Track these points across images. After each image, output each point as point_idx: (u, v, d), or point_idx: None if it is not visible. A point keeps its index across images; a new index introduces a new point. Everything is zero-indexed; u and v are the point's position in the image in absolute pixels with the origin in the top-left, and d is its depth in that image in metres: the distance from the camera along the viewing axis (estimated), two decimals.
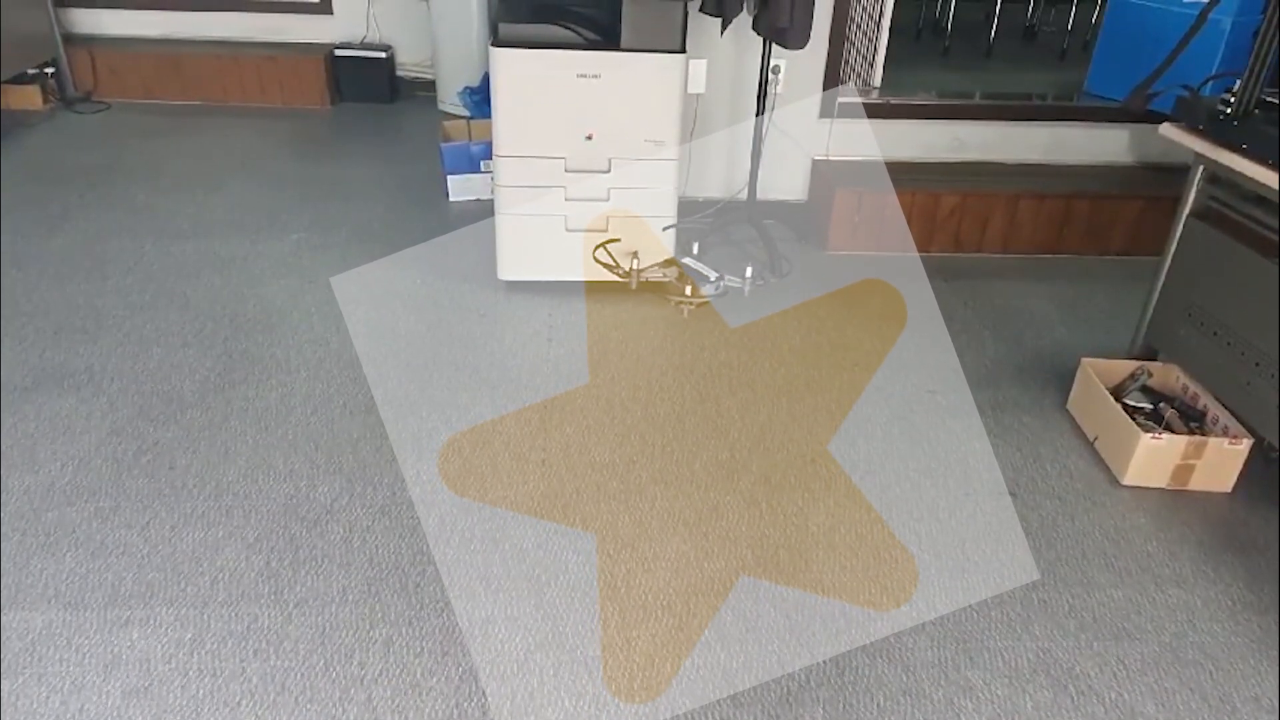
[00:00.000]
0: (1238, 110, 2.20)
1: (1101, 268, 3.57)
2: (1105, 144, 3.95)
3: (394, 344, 2.78)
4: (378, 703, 1.64)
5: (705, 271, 3.29)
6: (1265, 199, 2.19)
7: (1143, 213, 3.59)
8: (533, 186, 2.94)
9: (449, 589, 1.90)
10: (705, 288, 3.18)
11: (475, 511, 2.12)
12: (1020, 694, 1.74)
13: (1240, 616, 1.95)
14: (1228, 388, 2.36)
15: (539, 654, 1.76)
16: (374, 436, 2.36)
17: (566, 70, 2.77)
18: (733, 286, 3.22)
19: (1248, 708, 1.74)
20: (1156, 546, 2.13)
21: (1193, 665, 1.82)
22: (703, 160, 3.79)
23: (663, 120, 2.88)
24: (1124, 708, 1.72)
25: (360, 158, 4.31)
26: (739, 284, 3.23)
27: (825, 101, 3.74)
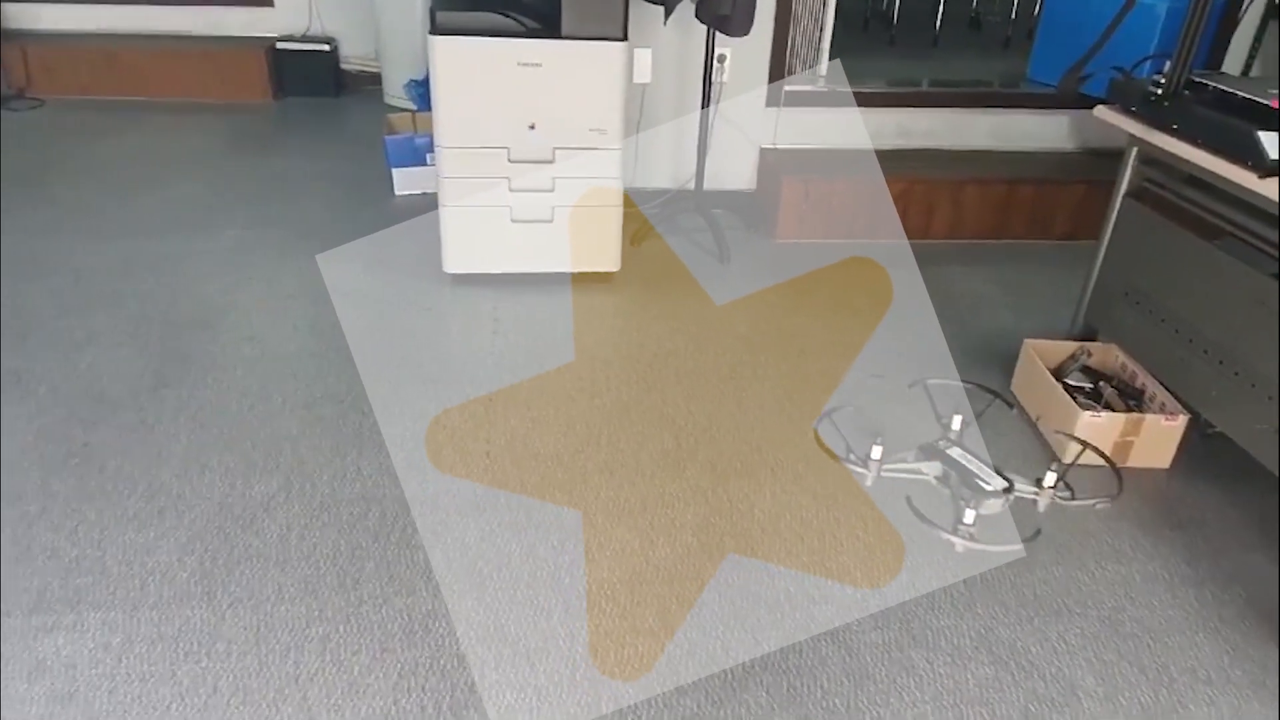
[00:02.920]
0: (1168, 91, 2.23)
1: (1045, 252, 3.62)
2: (1048, 130, 4.00)
3: (336, 340, 2.73)
4: (313, 702, 1.61)
5: (980, 472, 2.17)
6: (1197, 179, 2.23)
7: (1084, 197, 3.64)
8: (476, 178, 2.90)
9: (390, 585, 1.86)
10: (983, 505, 2.09)
11: (418, 505, 2.08)
12: (963, 671, 1.75)
13: (1178, 590, 1.98)
14: (1164, 366, 2.40)
15: (480, 648, 1.73)
16: (313, 433, 2.31)
17: (507, 59, 2.73)
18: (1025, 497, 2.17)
19: (1184, 678, 1.76)
20: (1096, 523, 2.16)
21: (1131, 638, 1.85)
22: (650, 150, 3.77)
23: (606, 109, 2.86)
24: (1064, 681, 1.74)
25: (303, 153, 4.23)
26: (1032, 494, 2.18)
27: (772, 90, 3.75)
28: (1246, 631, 1.88)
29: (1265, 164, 1.93)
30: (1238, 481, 2.29)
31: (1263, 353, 2.05)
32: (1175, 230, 2.33)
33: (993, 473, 2.19)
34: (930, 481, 2.19)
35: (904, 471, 2.21)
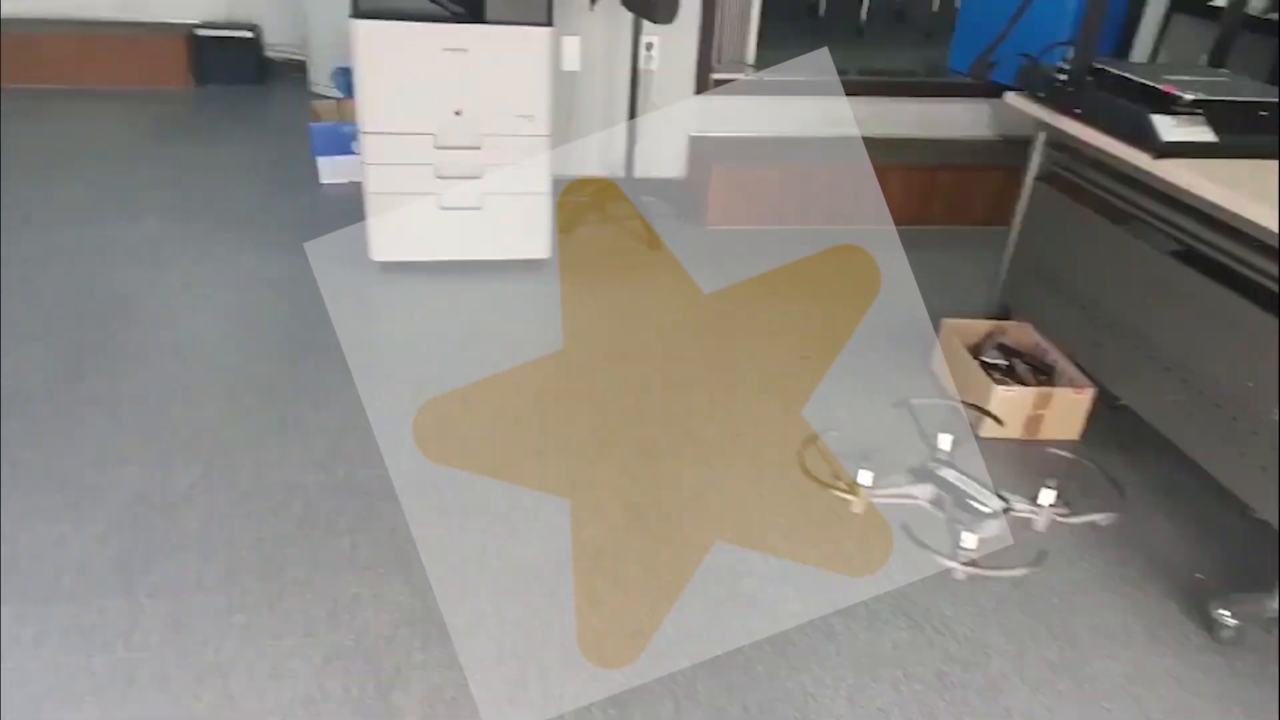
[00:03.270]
0: (1072, 77, 2.32)
1: (966, 236, 3.73)
2: (969, 118, 4.12)
3: (259, 329, 2.69)
4: (235, 688, 1.59)
5: (975, 493, 2.11)
6: (1101, 162, 2.32)
7: (1003, 182, 3.74)
8: (402, 164, 2.88)
9: (314, 570, 1.85)
10: (979, 528, 2.03)
11: (345, 492, 2.07)
12: (880, 636, 1.81)
13: (1085, 553, 2.07)
14: (1073, 342, 2.50)
15: (405, 629, 1.73)
16: (235, 422, 2.27)
17: (431, 43, 2.71)
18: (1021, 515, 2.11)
19: (1089, 636, 1.85)
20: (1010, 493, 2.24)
21: (1039, 600, 1.93)
22: (580, 138, 3.78)
23: (533, 95, 2.86)
24: (976, 641, 1.81)
25: (225, 141, 4.14)
26: (1030, 513, 2.11)
27: (700, 79, 3.78)
28: (1148, 589, 1.97)
29: (1158, 146, 2.03)
30: (1141, 451, 2.39)
31: (1163, 329, 2.15)
32: (1081, 212, 2.43)
33: (989, 493, 2.13)
34: (924, 506, 2.14)
35: (896, 497, 2.15)
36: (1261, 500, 1.90)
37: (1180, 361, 2.10)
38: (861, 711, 1.64)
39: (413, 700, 1.59)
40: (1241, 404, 1.92)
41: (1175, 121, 2.05)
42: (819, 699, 1.66)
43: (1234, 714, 1.69)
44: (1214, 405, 2.00)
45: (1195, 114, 2.06)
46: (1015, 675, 1.74)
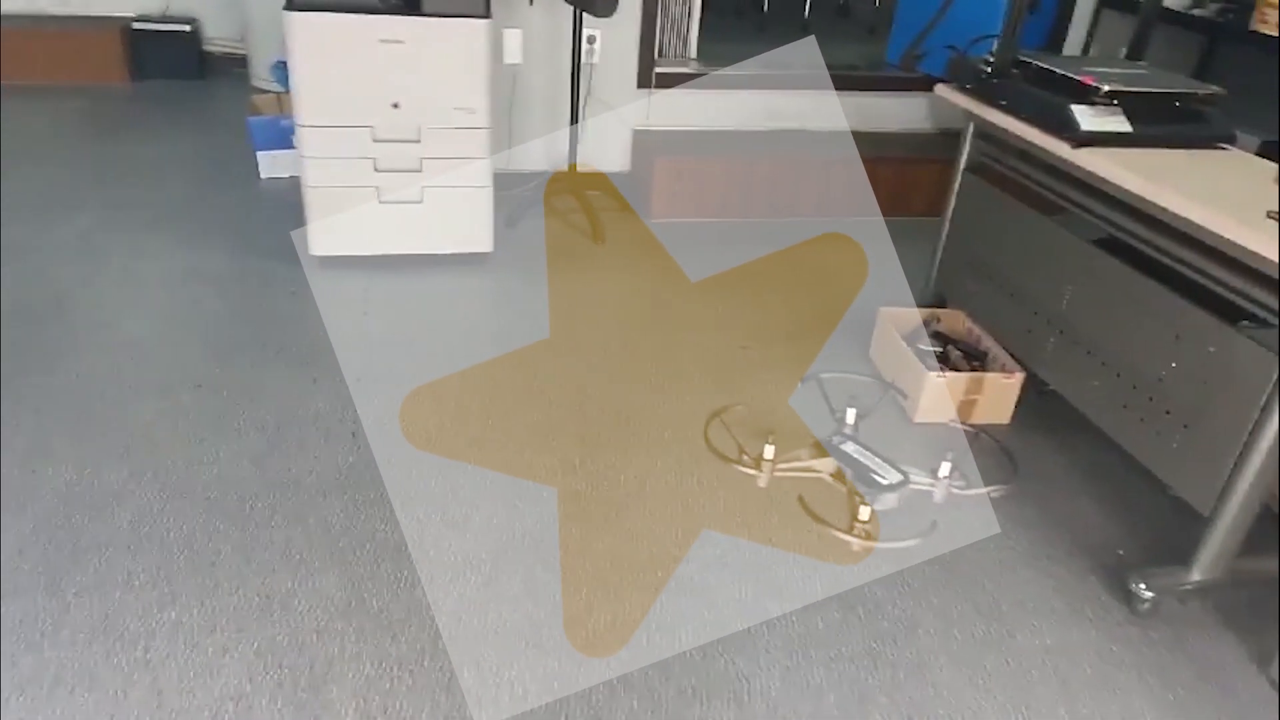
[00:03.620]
0: (997, 69, 2.38)
1: (905, 227, 3.79)
2: (908, 112, 4.19)
3: (195, 325, 2.65)
4: (164, 684, 1.57)
5: (876, 467, 2.19)
6: (1026, 152, 2.38)
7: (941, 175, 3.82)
8: (340, 158, 2.85)
9: (247, 566, 1.83)
10: (877, 500, 2.11)
11: (279, 488, 2.06)
12: (814, 618, 1.84)
13: (1011, 533, 2.13)
14: (1004, 329, 2.56)
15: (339, 622, 1.73)
16: (169, 419, 2.24)
17: (367, 35, 2.69)
18: (920, 489, 2.18)
19: (1013, 611, 1.90)
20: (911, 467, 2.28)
21: (967, 579, 1.98)
22: (524, 132, 3.78)
23: (472, 88, 2.85)
24: (906, 621, 1.85)
25: (163, 137, 4.06)
26: (928, 485, 2.20)
27: (643, 72, 3.80)
28: (1071, 567, 2.04)
29: (1077, 135, 2.09)
30: (1068, 434, 2.47)
31: (1086, 316, 2.22)
32: (1008, 201, 2.49)
33: (888, 466, 2.20)
34: (826, 479, 2.20)
35: (798, 470, 2.22)
36: (1177, 479, 1.97)
37: (1102, 347, 2.16)
38: (794, 690, 1.68)
39: (346, 692, 1.59)
40: (1159, 388, 1.99)
41: (1093, 112, 2.11)
42: (752, 680, 1.69)
43: (1148, 681, 1.75)
44: (1132, 388, 2.07)
45: (1112, 105, 2.13)
46: (943, 652, 1.79)
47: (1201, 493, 1.88)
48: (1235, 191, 1.92)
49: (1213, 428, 1.86)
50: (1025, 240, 2.43)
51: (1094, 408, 2.22)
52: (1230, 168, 2.11)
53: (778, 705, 1.64)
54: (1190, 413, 1.91)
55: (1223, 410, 1.83)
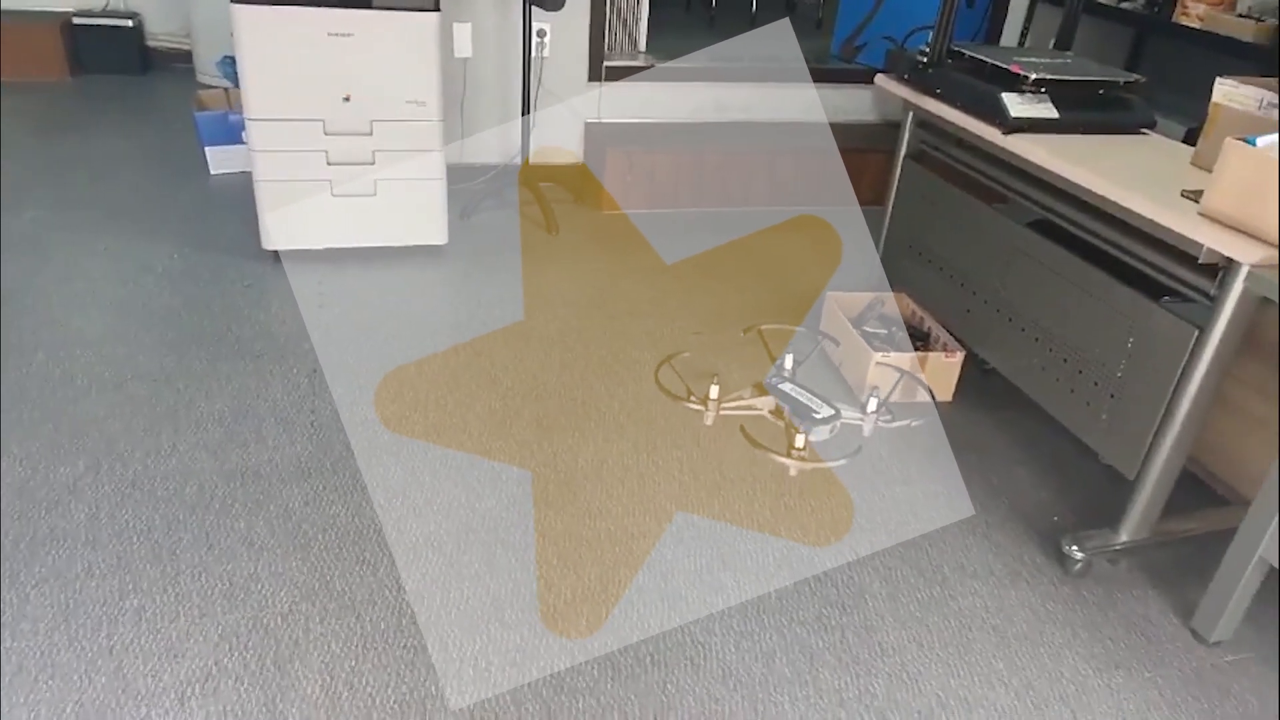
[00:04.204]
0: (932, 59, 2.47)
1: (852, 215, 3.89)
2: (854, 103, 4.29)
3: (149, 320, 2.64)
4: (129, 670, 1.59)
5: (810, 403, 2.37)
6: (962, 139, 2.48)
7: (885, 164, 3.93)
8: (292, 151, 2.86)
9: (209, 553, 1.85)
10: (813, 431, 2.33)
11: (238, 477, 2.07)
12: (766, 587, 1.91)
13: (954, 503, 2.22)
14: (945, 310, 2.66)
15: (305, 604, 1.76)
16: (124, 413, 2.24)
17: (316, 28, 2.70)
18: (851, 424, 2.38)
19: (955, 575, 1.99)
20: (886, 451, 2.39)
21: (913, 547, 2.07)
22: (476, 125, 3.80)
23: (422, 81, 2.87)
24: (854, 587, 1.94)
25: (108, 133, 4.01)
26: (859, 419, 2.39)
27: (593, 66, 3.85)
28: (1009, 533, 2.14)
29: (1008, 122, 2.19)
30: (1006, 409, 2.58)
31: (1021, 296, 2.32)
32: (946, 187, 2.59)
33: (821, 402, 2.39)
34: (766, 415, 2.40)
35: (741, 408, 2.40)
36: (1106, 447, 2.08)
37: (1037, 325, 2.27)
38: (747, 654, 1.75)
39: (312, 670, 1.62)
40: (1092, 363, 2.10)
41: (1022, 100, 2.21)
42: (708, 646, 1.76)
43: (1080, 635, 1.86)
44: (1063, 362, 2.18)
45: (1040, 93, 2.23)
46: (889, 614, 1.87)
47: (1127, 459, 1.99)
48: (1153, 174, 2.03)
49: (1137, 397, 1.97)
50: (963, 224, 2.53)
51: (1030, 383, 2.32)
52: (1149, 152, 2.22)
53: (732, 668, 1.71)
54: (1117, 384, 2.02)
55: (1146, 380, 1.94)
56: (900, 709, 1.67)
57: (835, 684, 1.70)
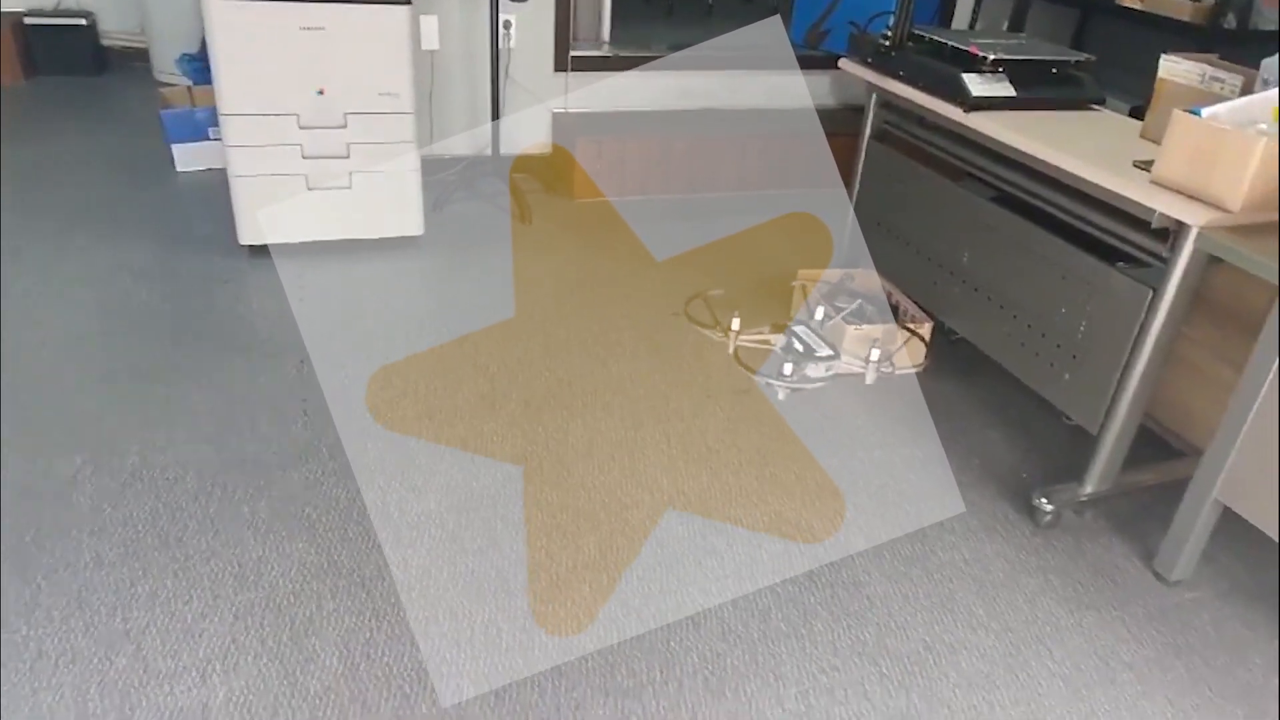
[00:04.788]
0: (894, 43, 2.57)
1: (820, 197, 4.00)
2: (815, 89, 4.39)
3: (130, 318, 2.65)
4: (148, 651, 1.63)
5: (815, 345, 2.60)
6: (924, 119, 2.59)
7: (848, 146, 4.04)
8: (266, 145, 2.87)
9: (215, 539, 1.89)
10: (807, 366, 2.55)
11: (237, 465, 2.11)
12: (757, 549, 2.00)
13: (930, 466, 2.33)
14: (912, 284, 2.77)
15: (314, 583, 1.81)
16: (116, 409, 2.26)
17: (288, 22, 2.73)
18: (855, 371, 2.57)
19: (933, 531, 2.10)
20: (864, 420, 2.49)
21: (893, 506, 2.17)
22: (445, 117, 3.83)
23: (394, 73, 2.91)
24: (839, 547, 2.03)
25: (68, 135, 3.96)
26: (861, 368, 2.56)
27: (559, 56, 3.90)
28: (982, 491, 2.25)
29: (969, 100, 2.30)
30: (975, 375, 2.70)
31: (986, 266, 2.44)
32: (910, 165, 2.70)
33: (828, 347, 2.61)
34: (776, 350, 2.69)
35: (756, 341, 2.72)
36: (1070, 405, 2.20)
37: (1001, 293, 2.38)
38: (744, 612, 1.83)
39: (328, 643, 1.68)
40: (1054, 326, 2.22)
41: (981, 79, 2.32)
42: (705, 606, 1.84)
43: (1052, 581, 1.98)
44: (1027, 327, 2.29)
45: (998, 72, 2.34)
46: (876, 570, 1.97)
47: (1090, 415, 2.12)
48: (1106, 146, 2.15)
49: (1097, 357, 2.09)
50: (927, 200, 2.64)
51: (996, 349, 2.44)
52: (1101, 126, 2.35)
53: (731, 625, 1.80)
54: (1078, 345, 2.14)
55: (1105, 340, 2.06)
56: (890, 654, 1.77)
57: (829, 635, 1.80)
